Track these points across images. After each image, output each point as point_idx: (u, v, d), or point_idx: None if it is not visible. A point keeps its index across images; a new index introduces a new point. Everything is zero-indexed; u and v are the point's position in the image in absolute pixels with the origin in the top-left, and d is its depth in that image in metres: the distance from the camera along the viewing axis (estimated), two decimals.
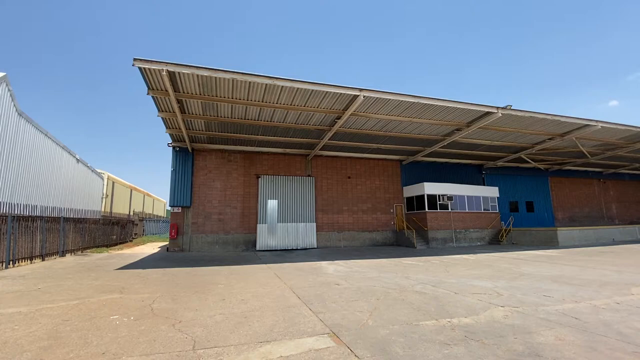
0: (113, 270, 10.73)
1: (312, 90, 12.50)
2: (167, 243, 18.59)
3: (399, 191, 22.57)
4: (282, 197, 19.39)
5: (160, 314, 5.59)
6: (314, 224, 19.68)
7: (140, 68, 10.83)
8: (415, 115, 15.33)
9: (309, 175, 20.36)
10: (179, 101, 13.17)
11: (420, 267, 11.23)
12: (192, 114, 14.54)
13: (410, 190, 21.96)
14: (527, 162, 23.92)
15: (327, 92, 12.66)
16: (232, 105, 13.79)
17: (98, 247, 17.85)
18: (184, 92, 12.74)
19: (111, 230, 20.29)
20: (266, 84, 12.04)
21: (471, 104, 14.36)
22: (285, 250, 18.47)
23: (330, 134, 16.39)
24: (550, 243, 19.47)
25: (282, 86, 12.17)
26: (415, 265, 11.75)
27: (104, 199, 26.54)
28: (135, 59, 10.43)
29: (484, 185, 24.18)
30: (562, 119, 15.99)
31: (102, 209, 25.77)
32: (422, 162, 23.04)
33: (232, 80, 11.73)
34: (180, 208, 17.98)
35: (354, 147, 19.65)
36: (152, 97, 12.84)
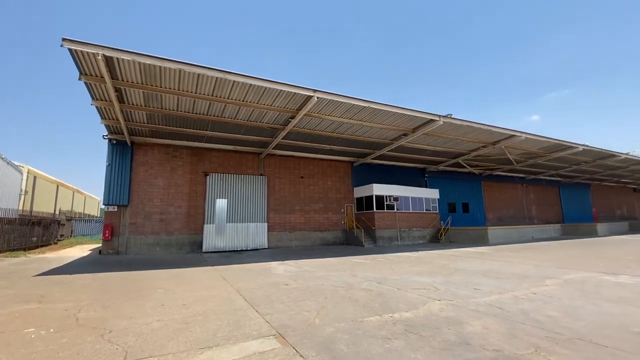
0: (31, 276, 9.41)
1: (266, 87, 12.27)
2: (100, 245, 16.84)
3: (350, 192, 23.20)
4: (232, 196, 18.74)
5: (87, 324, 5.03)
6: (266, 224, 19.35)
7: (71, 50, 9.67)
8: (366, 119, 15.87)
9: (261, 174, 19.97)
10: (117, 89, 12.02)
11: (368, 265, 11.64)
12: (133, 104, 13.37)
13: (360, 191, 22.70)
14: (464, 167, 26.17)
15: (281, 90, 12.53)
16: (178, 98, 12.97)
17: (13, 250, 15.53)
18: (123, 80, 11.65)
19: (31, 231, 17.80)
20: (217, 78, 11.53)
21: (417, 111, 15.29)
22: (234, 251, 17.88)
23: (283, 133, 16.25)
24: (482, 241, 21.54)
25: (234, 81, 11.77)
26: (363, 263, 12.15)
27: (22, 196, 23.19)
28: (64, 39, 9.28)
29: (426, 187, 25.89)
30: (494, 129, 17.79)
31: (21, 207, 22.49)
32: (372, 164, 23.95)
33: (179, 71, 11.02)
34: (116, 207, 16.41)
35: (307, 147, 19.74)
36: (85, 83, 11.55)
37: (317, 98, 12.99)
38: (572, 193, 37.71)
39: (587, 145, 21.99)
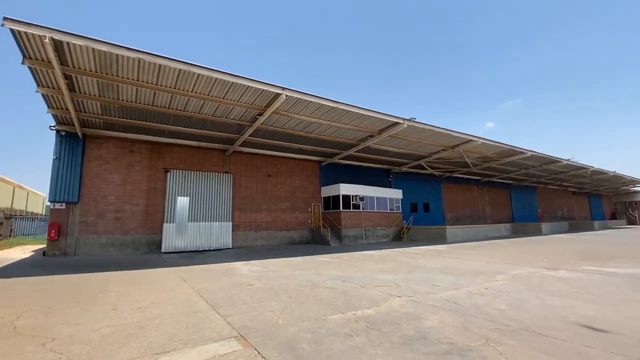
0: None
1: (232, 82, 11.93)
2: (45, 246, 15.40)
3: (318, 191, 23.31)
4: (194, 194, 18.01)
5: (27, 332, 4.58)
6: (230, 223, 18.84)
7: (13, 31, 8.72)
8: (334, 119, 16.02)
9: (226, 172, 19.41)
10: (67, 76, 11.05)
11: (333, 263, 11.77)
12: (85, 93, 12.38)
13: (328, 191, 22.90)
14: (426, 169, 27.35)
15: (248, 86, 12.25)
16: (137, 89, 12.21)
17: None
18: (74, 67, 10.73)
19: None
20: (180, 70, 11.01)
21: (383, 113, 15.72)
22: (196, 251, 17.21)
23: (251, 130, 15.92)
24: (441, 239, 22.66)
25: (199, 74, 11.31)
26: (328, 262, 12.26)
27: None
28: (5, 19, 8.35)
29: (390, 187, 26.71)
30: (453, 134, 18.79)
31: None
32: (340, 164, 24.24)
33: (139, 60, 10.38)
34: (64, 204, 15.09)
35: (275, 145, 19.51)
36: (29, 67, 10.49)
37: (286, 96, 12.88)
38: (521, 195, 40.90)
39: (535, 151, 23.96)
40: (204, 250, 17.45)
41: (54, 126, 15.06)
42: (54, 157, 15.03)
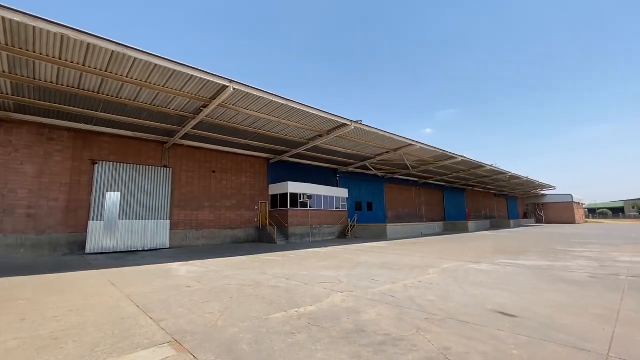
0: None
1: (175, 70, 11.12)
2: None
3: (265, 189, 22.94)
4: (127, 189, 16.44)
5: None
6: (168, 221, 17.59)
7: None
8: (284, 117, 15.90)
9: (165, 166, 18.07)
10: None
11: (278, 262, 11.69)
12: None
13: (276, 189, 22.67)
14: (370, 170, 28.62)
15: (192, 76, 11.54)
16: (60, 69, 10.74)
17: None
18: None
19: None
20: (113, 52, 9.95)
21: (332, 114, 16.03)
22: (128, 252, 15.75)
23: (194, 123, 15.03)
24: (382, 236, 23.92)
25: (135, 58, 10.34)
26: (274, 260, 12.16)
27: None
28: None
29: (337, 187, 27.42)
30: (395, 137, 19.93)
31: None
32: (288, 162, 24.15)
33: (62, 37, 9.14)
34: None
35: (221, 140, 18.71)
36: None
37: (234, 89, 12.42)
38: (452, 196, 45.03)
39: (464, 157, 26.54)
40: (138, 251, 16.05)
41: None
42: None
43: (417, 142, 21.53)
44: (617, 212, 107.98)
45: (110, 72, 11.15)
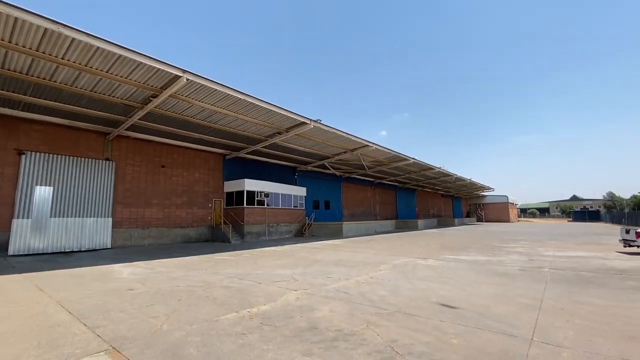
0: None
1: (120, 55, 10.22)
2: None
3: (220, 186, 22.11)
4: (61, 183, 14.80)
5: None
6: (110, 219, 16.17)
7: None
8: (241, 112, 15.44)
9: (107, 159, 16.57)
10: None
11: (232, 261, 11.35)
12: None
13: (231, 186, 21.96)
14: (329, 169, 29.00)
15: (140, 62, 10.69)
16: None
17: None
18: None
19: None
20: (46, 29, 8.87)
21: (291, 112, 15.93)
22: (61, 253, 14.19)
23: (142, 113, 13.97)
24: (338, 234, 24.39)
25: (74, 38, 9.31)
26: (227, 260, 11.78)
27: None
28: None
29: (296, 185, 27.37)
30: (353, 138, 20.42)
31: None
32: (246, 158, 23.54)
33: None
34: None
35: (172, 133, 17.63)
36: None
37: (187, 80, 11.77)
38: (404, 196, 47.34)
39: (416, 159, 28.05)
40: (73, 252, 14.55)
41: None
42: None
43: (373, 143, 22.26)
44: (543, 211, 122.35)
45: (43, 52, 9.94)
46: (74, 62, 10.54)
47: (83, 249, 14.98)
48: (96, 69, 11.01)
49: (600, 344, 3.90)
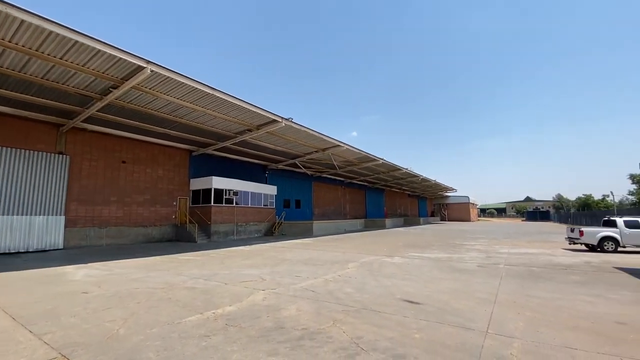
0: None
1: (77, 41, 9.50)
2: None
3: (186, 183, 21.28)
4: (5, 178, 13.48)
5: None
6: (62, 217, 15.00)
7: None
8: (210, 107, 14.96)
9: (60, 153, 15.34)
10: None
11: (197, 261, 10.99)
12: None
13: (198, 183, 21.22)
14: (299, 168, 28.95)
15: (99, 50, 10.00)
16: None
17: None
18: None
19: None
20: None
21: (262, 109, 15.69)
22: (5, 254, 12.94)
23: (100, 105, 13.09)
24: (308, 233, 24.42)
25: (22, 20, 8.51)
26: (193, 260, 11.38)
27: None
28: None
29: (267, 183, 27.02)
30: (324, 138, 20.54)
31: None
32: (214, 155, 22.85)
33: None
34: None
35: (135, 127, 16.67)
36: None
37: (152, 71, 11.19)
38: (373, 195, 48.42)
39: (384, 160, 28.79)
40: (19, 253, 13.34)
41: None
42: None
43: (344, 143, 22.53)
44: (500, 211, 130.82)
45: None
46: (23, 47, 9.64)
47: (31, 250, 13.77)
48: (50, 55, 10.16)
49: (547, 334, 4.24)
